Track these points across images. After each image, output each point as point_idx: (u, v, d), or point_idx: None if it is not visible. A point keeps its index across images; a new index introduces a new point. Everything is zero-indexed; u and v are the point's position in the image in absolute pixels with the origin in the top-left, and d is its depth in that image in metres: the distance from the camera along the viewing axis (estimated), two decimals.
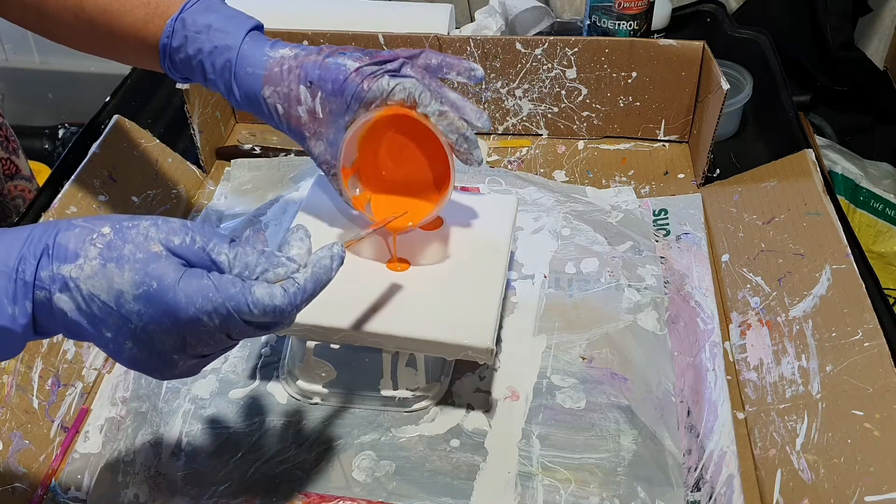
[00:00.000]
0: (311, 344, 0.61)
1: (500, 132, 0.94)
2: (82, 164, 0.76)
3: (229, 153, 0.92)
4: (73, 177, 0.74)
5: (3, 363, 0.62)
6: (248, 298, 0.42)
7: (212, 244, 0.43)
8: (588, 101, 0.91)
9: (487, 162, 0.90)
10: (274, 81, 0.58)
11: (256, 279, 0.43)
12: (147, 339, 0.42)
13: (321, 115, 0.58)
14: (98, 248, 0.41)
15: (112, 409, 0.65)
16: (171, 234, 0.42)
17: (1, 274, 0.40)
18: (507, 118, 0.93)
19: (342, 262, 0.46)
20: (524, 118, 0.93)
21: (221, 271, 0.43)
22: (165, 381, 0.65)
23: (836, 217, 0.67)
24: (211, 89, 0.61)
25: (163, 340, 0.42)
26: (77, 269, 0.41)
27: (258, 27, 0.60)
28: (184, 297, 0.41)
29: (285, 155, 0.91)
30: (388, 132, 0.61)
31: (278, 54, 0.58)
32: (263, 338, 0.68)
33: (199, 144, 0.88)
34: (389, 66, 0.58)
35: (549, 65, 0.89)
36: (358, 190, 0.62)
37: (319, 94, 0.58)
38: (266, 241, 0.47)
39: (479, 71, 0.59)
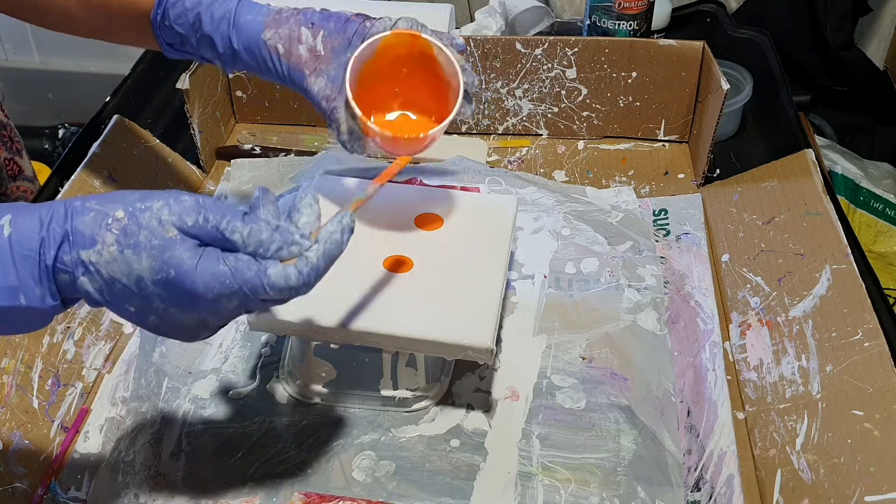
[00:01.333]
0: (311, 344, 0.61)
1: (500, 132, 0.94)
2: (82, 164, 0.76)
3: (229, 153, 0.92)
4: (73, 177, 0.74)
5: (2, 363, 0.62)
6: (263, 281, 0.43)
7: (224, 222, 0.44)
8: (588, 101, 0.91)
9: (487, 162, 0.90)
10: (275, 24, 0.61)
11: (270, 257, 0.44)
12: (169, 317, 0.44)
13: (322, 53, 0.60)
14: (114, 235, 0.42)
15: (112, 409, 0.65)
16: (183, 214, 0.43)
17: (26, 258, 0.41)
18: (507, 118, 0.93)
19: (353, 232, 0.47)
20: (524, 118, 0.93)
21: (235, 248, 0.44)
22: (165, 381, 0.65)
23: (836, 217, 0.67)
24: (201, 50, 0.63)
25: (184, 319, 0.44)
26: (96, 254, 0.42)
27: None
28: (202, 285, 0.43)
29: (285, 155, 0.91)
30: (390, 61, 0.62)
31: (277, 7, 0.62)
32: (263, 337, 0.69)
33: (199, 144, 0.88)
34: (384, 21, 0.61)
35: (549, 65, 0.89)
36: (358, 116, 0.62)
37: (322, 32, 0.60)
38: (277, 205, 0.47)
39: (459, 39, 0.62)
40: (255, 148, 0.92)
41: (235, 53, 0.61)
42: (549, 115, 0.92)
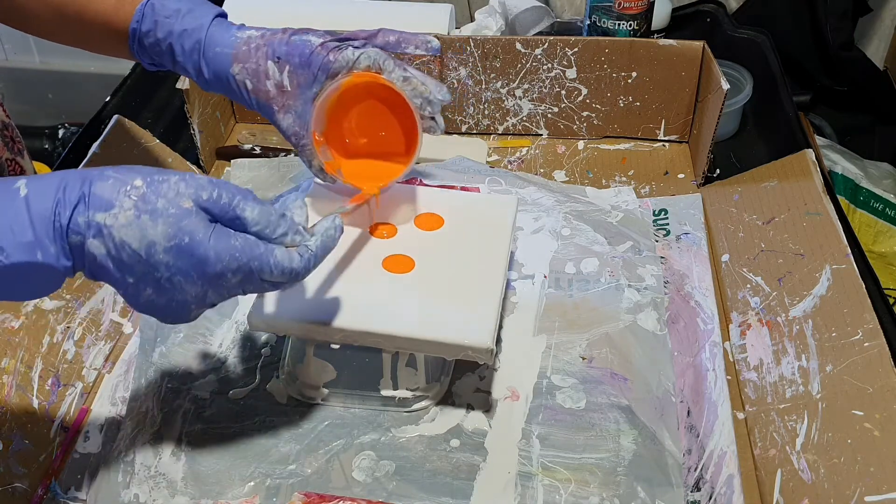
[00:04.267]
0: (311, 344, 0.61)
1: (500, 132, 0.94)
2: (82, 164, 0.76)
3: (229, 153, 0.92)
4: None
5: (2, 363, 0.62)
6: (270, 260, 0.47)
7: (237, 200, 0.46)
8: (588, 101, 0.91)
9: (487, 162, 0.90)
10: (242, 59, 0.61)
11: (275, 239, 0.48)
12: (170, 288, 0.46)
13: (289, 88, 0.61)
14: (132, 200, 0.44)
15: (112, 409, 0.65)
16: (199, 189, 0.45)
17: (42, 218, 0.43)
18: (507, 118, 0.93)
19: (342, 233, 0.51)
20: (524, 118, 0.93)
21: (244, 227, 0.47)
22: (165, 381, 0.65)
23: (836, 217, 0.67)
24: (180, 72, 0.64)
25: (185, 291, 0.46)
26: (112, 217, 0.43)
27: (223, 14, 0.64)
28: (213, 254, 0.45)
29: (285, 155, 0.91)
30: (355, 101, 0.64)
31: (245, 34, 0.62)
32: (263, 337, 0.69)
33: (199, 144, 0.88)
34: (353, 43, 0.62)
35: (549, 65, 0.89)
36: (329, 156, 0.65)
37: (287, 67, 0.61)
38: (304, 208, 0.52)
39: (435, 42, 0.64)
40: (255, 148, 0.92)
41: (208, 83, 0.63)
42: (549, 115, 0.92)
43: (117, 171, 0.45)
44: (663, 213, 0.81)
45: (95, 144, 0.78)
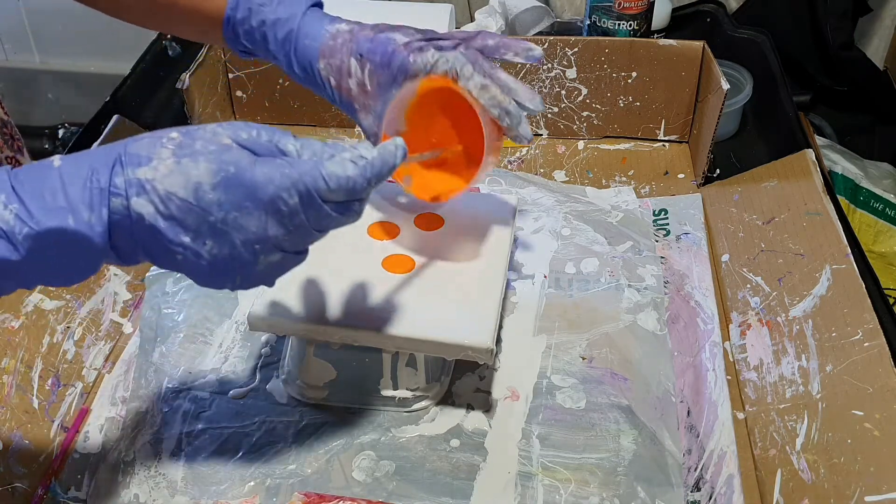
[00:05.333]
0: (311, 344, 0.61)
1: None
2: None
3: None
4: None
5: (2, 363, 0.62)
6: (322, 171, 0.43)
7: (277, 136, 0.45)
8: (588, 101, 0.91)
9: None
10: (328, 54, 0.60)
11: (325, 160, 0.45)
12: (227, 231, 0.43)
13: (370, 88, 0.60)
14: (170, 150, 0.42)
15: (112, 409, 0.65)
16: (237, 129, 0.44)
17: (74, 183, 0.40)
18: None
19: (405, 156, 0.47)
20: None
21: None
22: (165, 381, 0.65)
23: (836, 217, 0.67)
24: (272, 61, 0.63)
25: (244, 229, 0.43)
26: (152, 170, 0.41)
27: (319, 3, 0.63)
28: (262, 176, 0.42)
29: None
30: (433, 106, 0.61)
31: (335, 28, 0.61)
32: (263, 337, 0.69)
33: None
34: (440, 44, 0.59)
35: (549, 65, 0.89)
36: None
37: (368, 66, 0.59)
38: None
39: (537, 51, 0.59)
40: None
41: (298, 76, 0.62)
42: (549, 115, 0.92)
43: (152, 132, 0.43)
44: (663, 213, 0.81)
45: (95, 144, 0.78)
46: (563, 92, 0.90)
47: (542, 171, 0.89)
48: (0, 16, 1.75)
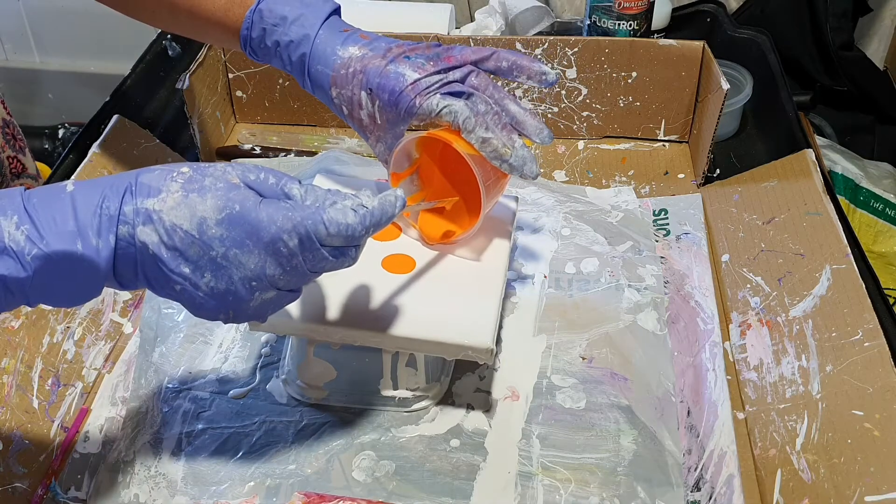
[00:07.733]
0: (311, 344, 0.61)
1: None
2: (82, 164, 0.76)
3: (229, 153, 0.92)
4: (72, 177, 0.74)
5: (2, 363, 0.62)
6: (322, 216, 0.45)
7: (283, 180, 0.47)
8: (588, 101, 0.91)
9: None
10: (339, 84, 0.60)
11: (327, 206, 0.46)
12: (227, 266, 0.45)
13: (380, 122, 0.60)
14: (179, 183, 0.44)
15: (112, 409, 0.65)
16: (246, 171, 0.46)
17: (85, 209, 0.43)
18: None
19: (404, 206, 0.48)
20: None
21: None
22: (165, 381, 0.65)
23: (836, 217, 0.67)
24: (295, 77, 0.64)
25: (243, 266, 0.45)
26: (160, 202, 0.43)
27: (335, 11, 0.62)
28: (265, 217, 0.44)
29: (285, 155, 0.91)
30: (435, 154, 0.64)
31: (347, 54, 0.60)
32: (263, 337, 0.68)
33: (199, 144, 0.88)
34: (451, 77, 0.58)
35: (550, 65, 0.89)
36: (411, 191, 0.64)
37: (377, 102, 0.59)
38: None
39: (551, 75, 0.59)
40: (255, 148, 0.92)
41: (316, 96, 0.63)
42: (549, 115, 0.92)
43: (163, 165, 0.45)
44: (663, 213, 0.81)
45: (95, 144, 0.78)
46: (563, 92, 0.90)
47: (542, 171, 0.89)
48: (0, 16, 1.75)
